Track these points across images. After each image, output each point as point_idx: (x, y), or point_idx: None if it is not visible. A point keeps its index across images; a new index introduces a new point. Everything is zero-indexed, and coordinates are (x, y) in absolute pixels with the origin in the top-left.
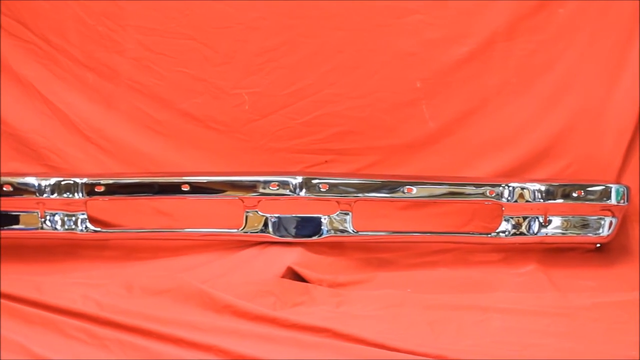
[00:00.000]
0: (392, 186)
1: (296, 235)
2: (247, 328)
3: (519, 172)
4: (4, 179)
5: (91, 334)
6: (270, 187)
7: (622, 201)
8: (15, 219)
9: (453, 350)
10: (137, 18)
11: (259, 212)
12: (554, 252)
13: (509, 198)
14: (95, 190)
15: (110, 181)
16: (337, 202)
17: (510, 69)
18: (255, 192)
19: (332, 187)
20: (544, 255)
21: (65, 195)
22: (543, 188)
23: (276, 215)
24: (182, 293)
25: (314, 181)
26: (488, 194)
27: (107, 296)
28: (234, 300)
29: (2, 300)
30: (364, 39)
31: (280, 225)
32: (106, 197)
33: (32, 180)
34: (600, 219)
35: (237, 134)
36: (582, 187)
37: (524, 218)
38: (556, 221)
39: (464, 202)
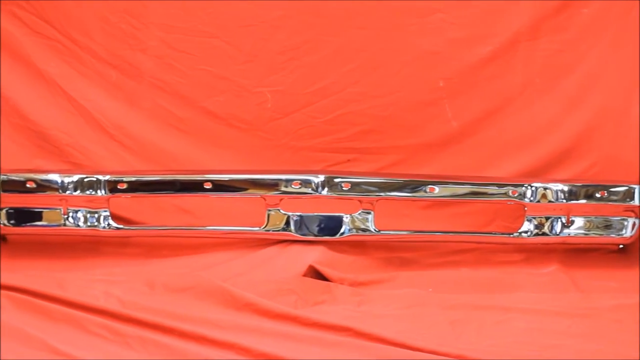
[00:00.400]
0: (414, 185)
1: (318, 234)
2: (268, 326)
3: (541, 172)
4: (28, 175)
5: (113, 331)
6: (293, 186)
7: None
8: (38, 216)
9: (474, 350)
10: (160, 16)
11: (281, 211)
12: (577, 253)
13: (532, 198)
14: (118, 187)
15: (133, 179)
16: (359, 201)
17: (533, 68)
18: (277, 190)
19: (354, 186)
20: (566, 256)
21: (88, 192)
22: (566, 188)
23: (298, 213)
24: (204, 291)
25: (336, 180)
26: (510, 194)
27: (129, 293)
28: (255, 299)
29: (25, 297)
30: (386, 38)
31: (302, 223)
32: (128, 195)
33: (55, 177)
34: (623, 219)
35: (259, 132)
36: (605, 187)
37: (547, 218)
38: (579, 222)
39: (486, 202)
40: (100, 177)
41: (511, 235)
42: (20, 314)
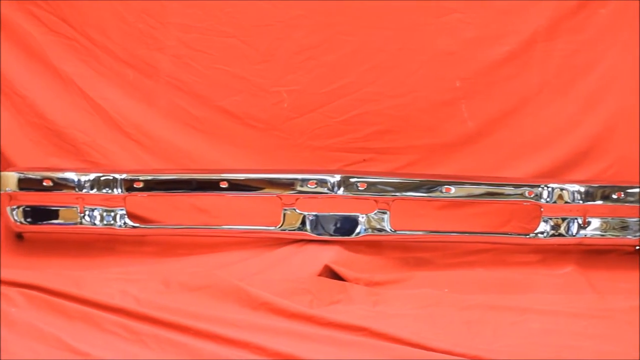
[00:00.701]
0: (430, 185)
1: (334, 234)
2: (284, 326)
3: (558, 172)
4: (44, 174)
5: (129, 329)
6: (309, 185)
7: None
8: (54, 214)
9: (489, 350)
10: (177, 15)
11: (297, 210)
12: (593, 254)
13: (548, 199)
14: (134, 186)
15: (149, 177)
16: (375, 200)
17: (550, 69)
18: (293, 190)
19: (370, 186)
20: (583, 257)
21: (104, 190)
22: (582, 189)
23: (314, 213)
24: (219, 290)
25: (352, 180)
26: (527, 195)
27: (145, 292)
28: (270, 298)
29: (42, 294)
30: (403, 38)
31: (317, 223)
32: (145, 193)
33: (71, 175)
34: None
35: (275, 131)
36: (622, 188)
37: (563, 219)
38: (595, 223)
39: (502, 203)
40: (117, 175)
41: (527, 236)
42: (36, 312)
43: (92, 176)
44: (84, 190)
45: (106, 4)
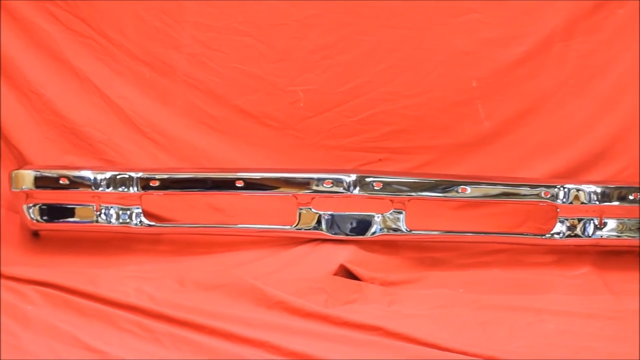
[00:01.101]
0: (446, 186)
1: (349, 233)
2: (299, 325)
3: (574, 173)
4: (61, 172)
5: (144, 327)
6: (324, 185)
7: None
8: (70, 212)
9: (504, 351)
10: (194, 14)
11: (313, 209)
12: (609, 255)
13: (564, 199)
14: (150, 184)
15: (165, 176)
16: (391, 200)
17: (567, 69)
18: (309, 189)
19: (386, 186)
20: (599, 258)
21: (120, 189)
22: (599, 190)
23: (329, 212)
24: (235, 288)
25: (368, 179)
26: (543, 195)
27: (160, 290)
28: (286, 297)
29: (57, 292)
30: (420, 38)
31: (333, 222)
32: (161, 192)
33: (88, 173)
34: None
35: (291, 131)
36: (639, 189)
37: (579, 220)
38: (611, 224)
39: (518, 203)
40: (133, 174)
41: (543, 237)
42: (52, 309)
43: (108, 174)
44: (100, 189)
45: (123, 2)
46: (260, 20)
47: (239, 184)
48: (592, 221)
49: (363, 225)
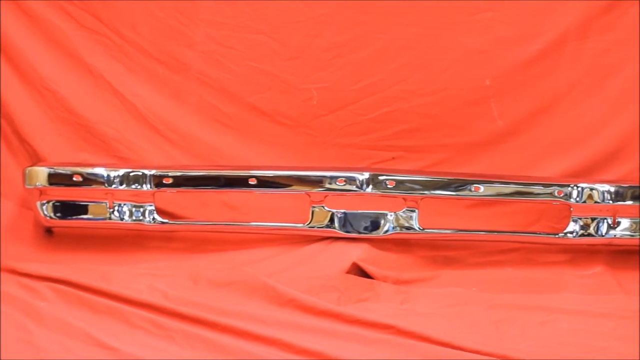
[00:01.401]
0: (459, 184)
1: (362, 232)
2: (311, 323)
3: (588, 172)
4: (74, 169)
5: (157, 325)
6: (337, 183)
7: None
8: (84, 209)
9: (517, 350)
10: (207, 12)
11: (325, 208)
12: (622, 254)
13: (578, 198)
14: (163, 182)
15: (178, 173)
16: (404, 199)
17: (581, 68)
18: (322, 187)
19: (399, 184)
20: (612, 257)
21: (133, 186)
22: (612, 189)
23: (342, 210)
24: (247, 286)
25: (381, 177)
26: (556, 194)
27: (173, 287)
28: (298, 295)
29: (71, 289)
30: (434, 36)
31: (346, 220)
32: (174, 189)
33: (101, 171)
34: None
35: (304, 128)
36: None
37: (592, 219)
38: (625, 223)
39: (531, 202)
40: (146, 171)
41: (556, 236)
42: (65, 306)
43: (121, 172)
44: (113, 186)
45: (138, 1)
46: (274, 18)
47: (252, 181)
48: (605, 220)
49: (376, 224)
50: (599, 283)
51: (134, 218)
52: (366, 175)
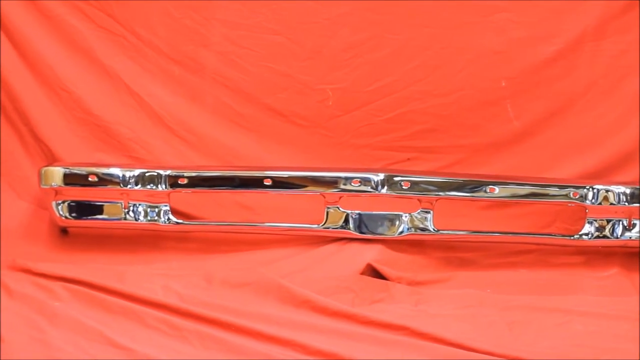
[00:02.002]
0: (474, 185)
1: (377, 233)
2: (326, 324)
3: (603, 174)
4: (90, 169)
5: (171, 325)
6: (352, 184)
7: None
8: (99, 209)
9: (531, 352)
10: (223, 12)
11: (340, 208)
12: (638, 257)
13: (593, 200)
14: (179, 182)
15: (193, 174)
16: (419, 200)
17: (598, 69)
18: (337, 188)
19: (414, 185)
20: (627, 259)
21: (148, 186)
22: (628, 191)
23: (357, 211)
24: (262, 287)
25: (396, 178)
26: (572, 196)
27: (188, 288)
28: (312, 296)
29: (85, 289)
30: (450, 37)
31: (361, 222)
32: (189, 190)
33: (116, 171)
34: None
35: (320, 129)
36: None
37: (608, 221)
38: None
39: (546, 203)
40: (161, 171)
41: (571, 238)
42: (79, 306)
43: (136, 172)
44: (129, 186)
45: (154, 1)
46: (290, 19)
47: (267, 182)
48: (620, 222)
49: (391, 225)
50: (614, 285)
51: (149, 218)
52: (381, 176)
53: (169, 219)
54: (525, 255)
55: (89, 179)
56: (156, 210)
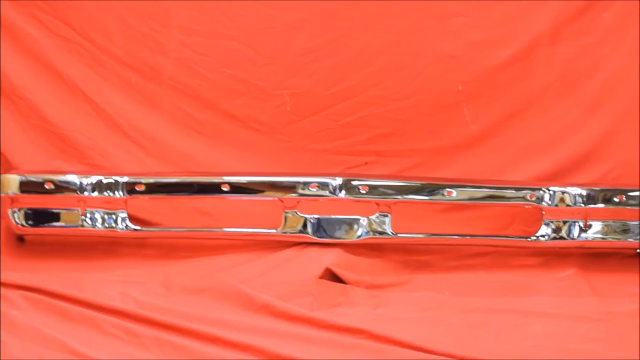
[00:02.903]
0: (432, 188)
1: (335, 237)
2: (285, 328)
3: (560, 176)
4: (46, 176)
5: (129, 332)
6: (310, 188)
7: None
8: (56, 217)
9: (491, 353)
10: (180, 19)
11: (298, 213)
12: (594, 257)
13: (550, 202)
14: (136, 189)
15: (151, 180)
16: (377, 203)
17: (553, 72)
18: (295, 192)
19: (372, 189)
20: (584, 260)
21: (106, 193)
22: (584, 192)
23: (315, 216)
24: (220, 292)
25: (354, 183)
26: (528, 198)
27: (146, 294)
28: (271, 300)
29: (43, 297)
30: (407, 41)
31: (319, 226)
32: (146, 196)
33: (73, 178)
34: None
35: (278, 134)
36: (624, 192)
37: (564, 222)
38: (596, 226)
39: (504, 206)
40: (118, 178)
41: (528, 239)
42: (38, 314)
43: (93, 179)
44: (86, 193)
45: (109, 6)
46: (247, 25)
47: (225, 187)
48: (577, 223)
49: (349, 229)
50: (572, 286)
51: (106, 225)
52: (339, 180)
53: (126, 225)
54: (483, 258)
55: (46, 186)
56: (114, 217)
